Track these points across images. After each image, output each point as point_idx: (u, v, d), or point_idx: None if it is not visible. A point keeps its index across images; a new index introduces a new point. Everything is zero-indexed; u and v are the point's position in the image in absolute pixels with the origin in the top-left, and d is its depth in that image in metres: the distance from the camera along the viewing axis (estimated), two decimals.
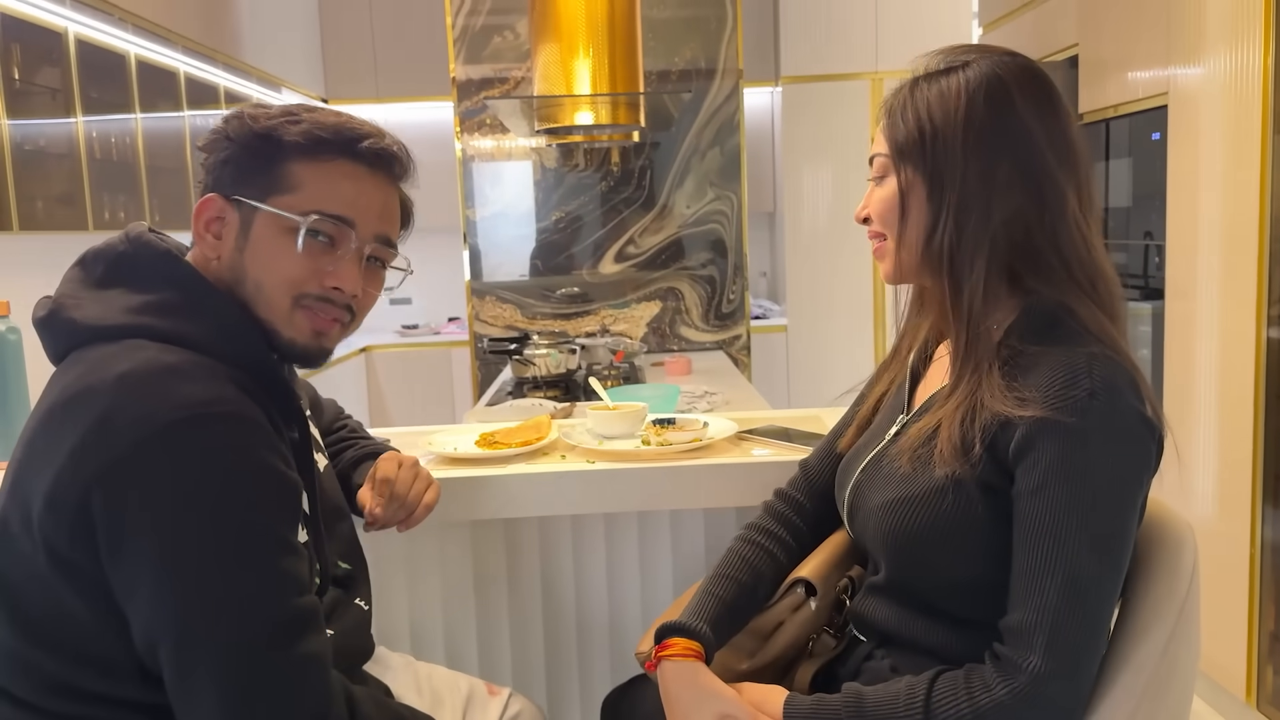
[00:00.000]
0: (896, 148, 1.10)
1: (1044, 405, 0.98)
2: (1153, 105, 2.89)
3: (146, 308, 1.00)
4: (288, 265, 1.04)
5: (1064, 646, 0.95)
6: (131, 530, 0.89)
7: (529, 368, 3.12)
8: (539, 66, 3.04)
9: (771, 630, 1.18)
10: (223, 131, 1.06)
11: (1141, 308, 3.04)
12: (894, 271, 1.14)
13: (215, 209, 1.05)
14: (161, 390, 0.92)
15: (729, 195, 3.95)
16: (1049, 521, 0.97)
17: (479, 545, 1.67)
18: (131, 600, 0.91)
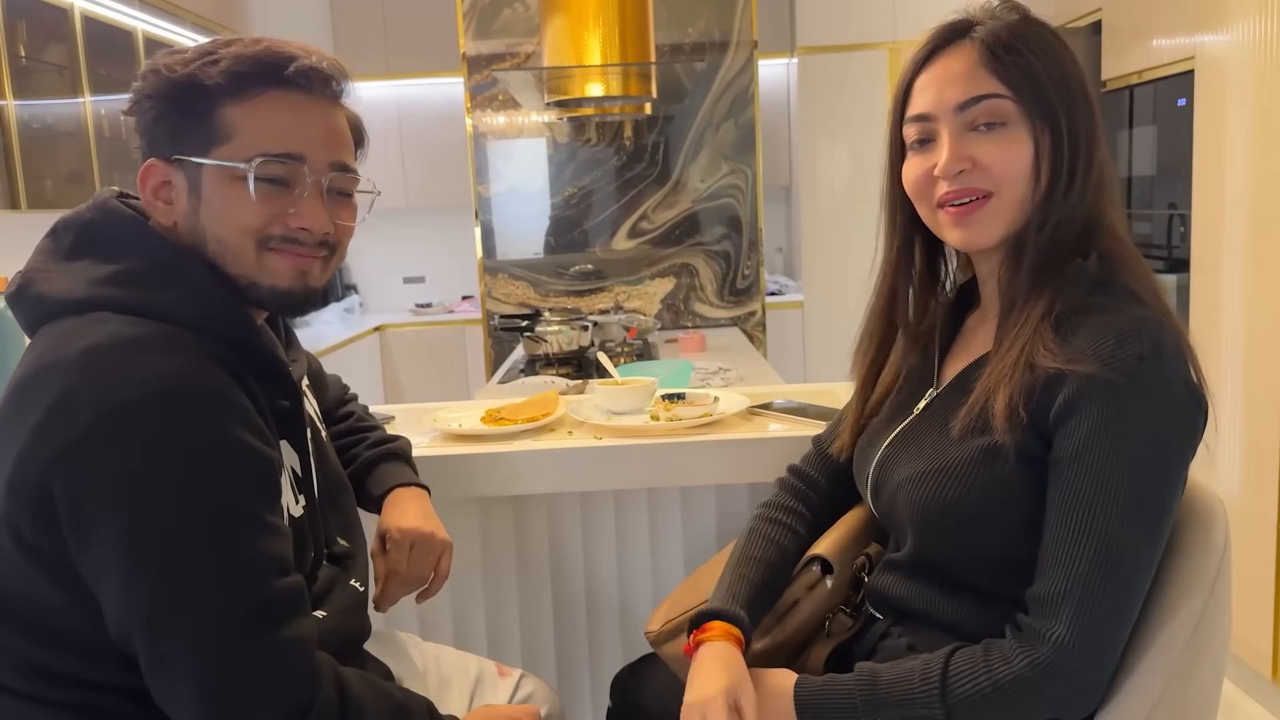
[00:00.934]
0: (1028, 88, 1.00)
1: (1092, 363, 0.93)
2: (1178, 71, 2.81)
3: (113, 278, 0.95)
4: (245, 214, 0.98)
5: (1092, 618, 0.91)
6: (94, 514, 0.85)
7: (541, 345, 3.09)
8: (548, 38, 2.99)
9: (787, 609, 1.15)
10: (142, 91, 0.99)
11: (1165, 280, 2.97)
12: (996, 235, 1.04)
13: (159, 174, 0.99)
14: (122, 366, 0.87)
15: (744, 169, 3.89)
16: (1086, 488, 0.92)
17: (487, 523, 1.64)
18: (101, 586, 0.88)
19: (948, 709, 0.94)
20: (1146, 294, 0.99)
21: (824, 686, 1.01)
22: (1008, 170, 1.02)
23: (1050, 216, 1.02)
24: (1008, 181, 1.02)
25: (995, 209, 1.03)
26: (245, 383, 0.95)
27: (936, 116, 1.04)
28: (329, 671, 0.95)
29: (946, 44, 1.06)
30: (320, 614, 1.05)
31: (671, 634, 1.23)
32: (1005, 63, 1.01)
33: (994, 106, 1.02)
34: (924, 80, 1.06)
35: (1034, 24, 1.05)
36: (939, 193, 1.05)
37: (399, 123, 5.30)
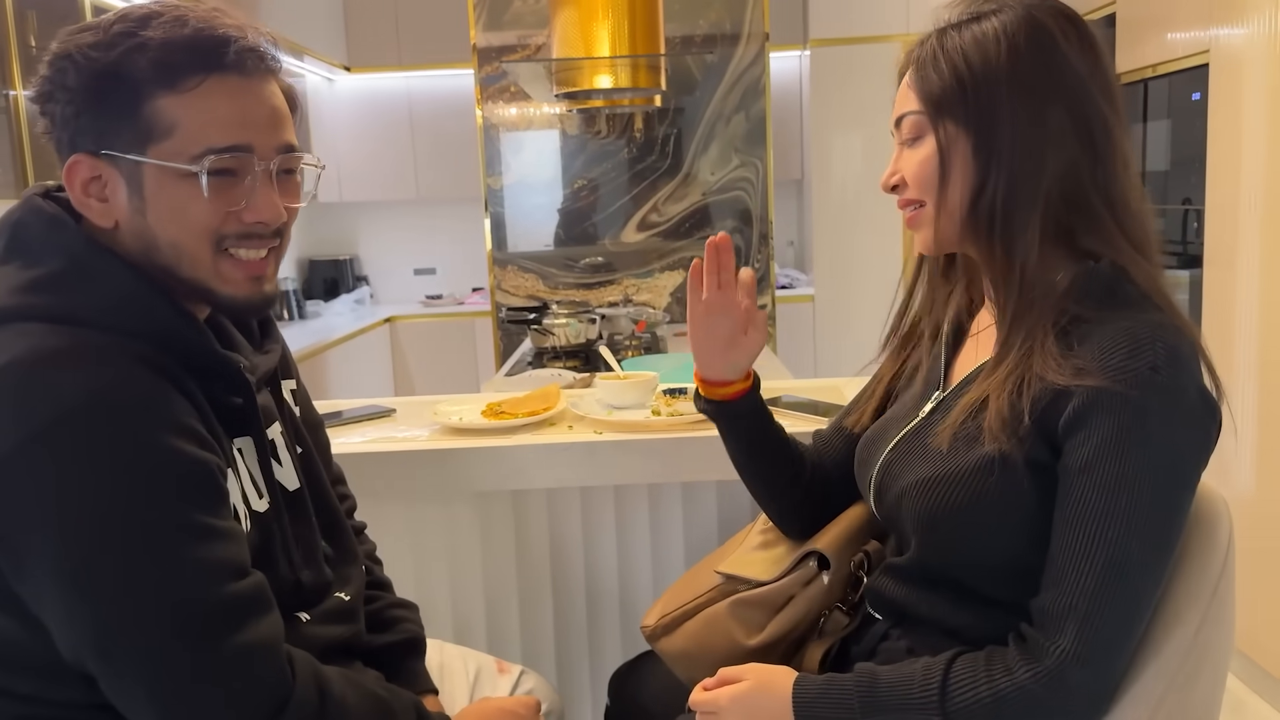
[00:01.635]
0: (932, 101, 1.01)
1: (1102, 375, 0.91)
2: (1193, 65, 2.78)
3: (34, 284, 0.90)
4: (200, 215, 0.92)
5: (1098, 633, 0.90)
6: (27, 540, 0.83)
7: (548, 338, 3.08)
8: (557, 30, 2.97)
9: (781, 604, 1.13)
10: (58, 81, 0.89)
11: (1179, 275, 2.94)
12: (934, 241, 1.05)
13: (86, 169, 0.91)
14: (42, 384, 0.83)
15: (754, 162, 3.87)
16: (1096, 501, 0.90)
17: (487, 518, 1.63)
18: (44, 610, 0.85)
19: (945, 715, 0.93)
20: (1158, 296, 0.97)
21: (823, 687, 1.00)
22: (919, 179, 1.04)
23: (977, 216, 1.00)
24: (925, 188, 1.04)
25: (926, 215, 1.05)
26: (183, 383, 0.91)
27: (892, 132, 1.09)
28: (306, 670, 0.93)
29: (907, 65, 1.07)
30: (304, 616, 1.04)
31: (667, 629, 1.22)
32: (919, 78, 1.03)
33: (910, 123, 1.04)
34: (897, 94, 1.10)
35: (981, 19, 1.01)
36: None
37: (410, 114, 5.29)
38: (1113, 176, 1.00)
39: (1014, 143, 0.98)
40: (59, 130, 0.92)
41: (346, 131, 5.29)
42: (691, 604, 1.20)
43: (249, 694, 0.87)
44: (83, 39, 0.90)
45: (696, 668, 1.20)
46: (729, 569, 1.20)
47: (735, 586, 1.18)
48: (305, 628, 1.03)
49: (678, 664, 1.23)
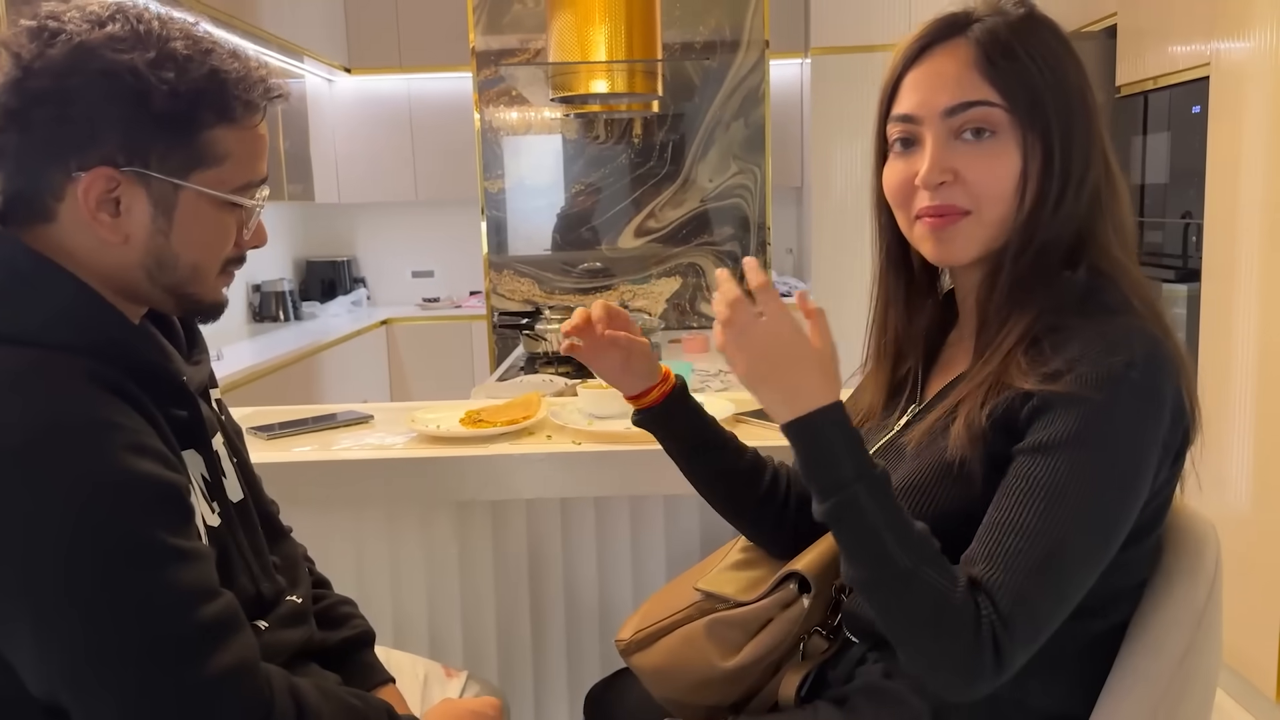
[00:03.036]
0: (1023, 100, 0.92)
1: (1074, 379, 0.87)
2: (1193, 77, 2.75)
3: None
4: (226, 240, 0.94)
5: (1028, 615, 0.84)
6: None
7: (540, 343, 3.05)
8: (554, 33, 2.96)
9: (760, 626, 1.10)
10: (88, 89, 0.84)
11: (1177, 289, 2.91)
12: (969, 254, 0.97)
13: (106, 184, 0.87)
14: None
15: (753, 169, 3.85)
16: (1048, 483, 0.86)
17: (464, 528, 1.60)
18: (13, 647, 0.82)
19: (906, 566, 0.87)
20: (1141, 305, 0.94)
21: (851, 433, 0.91)
22: (991, 187, 0.95)
23: (1034, 238, 0.95)
24: (989, 200, 0.95)
25: (970, 228, 0.97)
26: (133, 398, 0.87)
27: (922, 119, 0.97)
28: (281, 685, 0.91)
29: (941, 39, 0.97)
30: (263, 624, 1.02)
31: (641, 644, 1.19)
32: (1000, 67, 0.93)
33: (984, 114, 0.94)
34: (913, 77, 0.98)
35: (1038, 23, 0.97)
36: (918, 204, 0.98)
37: (410, 116, 5.27)
38: (1118, 189, 0.98)
39: (1080, 163, 0.95)
40: (61, 134, 0.86)
41: (345, 133, 5.27)
42: (668, 620, 1.17)
43: (240, 711, 0.84)
44: (139, 56, 0.85)
45: (671, 686, 1.17)
46: (708, 586, 1.16)
47: (714, 605, 1.15)
48: (265, 635, 1.01)
49: (651, 681, 1.20)
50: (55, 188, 0.88)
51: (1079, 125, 0.95)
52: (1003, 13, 0.97)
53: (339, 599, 1.24)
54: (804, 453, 0.91)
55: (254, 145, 0.93)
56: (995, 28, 0.95)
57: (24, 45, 0.85)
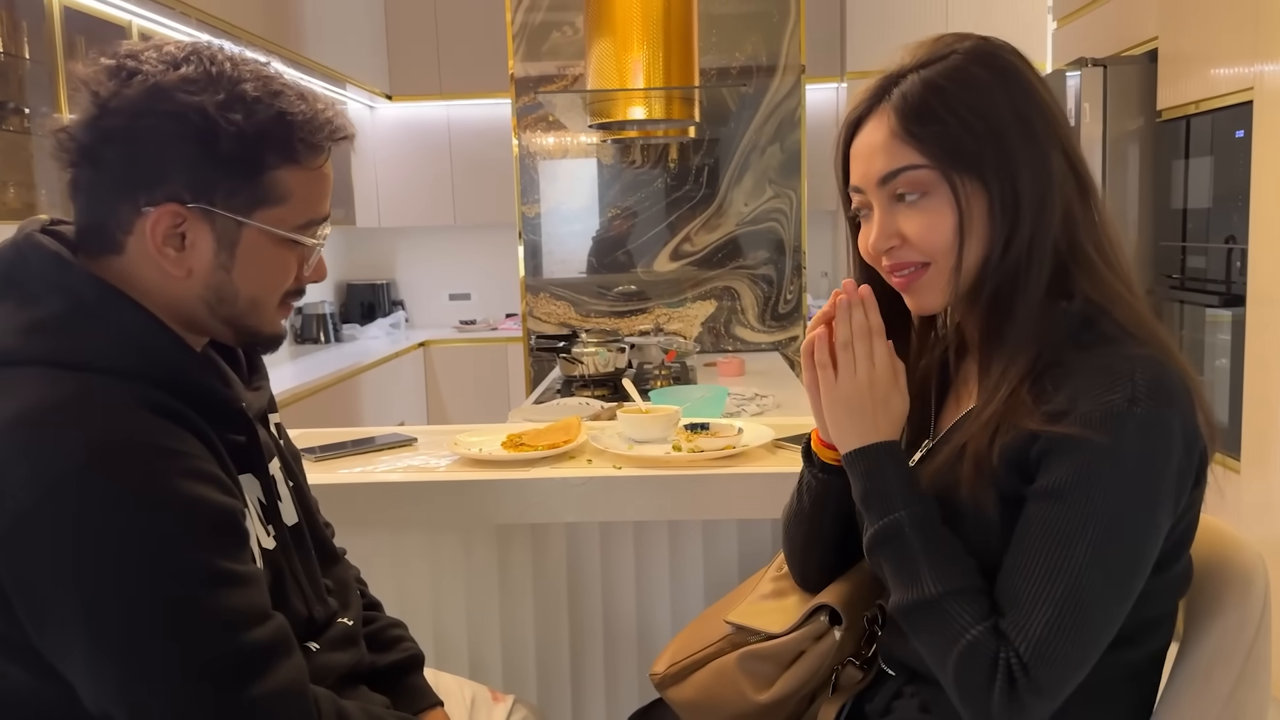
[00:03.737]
0: (945, 154, 0.94)
1: (1078, 418, 0.88)
2: (1237, 102, 2.73)
3: (36, 325, 0.88)
4: (286, 276, 0.97)
5: (1051, 663, 0.85)
6: (46, 597, 0.81)
7: (576, 366, 3.07)
8: (593, 61, 2.99)
9: (792, 659, 1.10)
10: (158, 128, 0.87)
11: (1221, 315, 2.88)
12: (940, 302, 1.00)
13: (173, 219, 0.90)
14: (55, 437, 0.82)
15: (788, 193, 3.86)
16: (1060, 527, 0.87)
17: (505, 551, 1.62)
18: (67, 665, 0.84)
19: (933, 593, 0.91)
20: (1141, 331, 0.93)
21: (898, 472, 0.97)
22: (933, 243, 0.97)
23: (997, 274, 0.96)
24: (937, 252, 0.97)
25: (933, 278, 0.99)
26: (192, 424, 0.89)
27: (865, 189, 1.00)
28: (329, 708, 0.92)
29: (870, 110, 0.99)
30: (314, 646, 1.03)
31: (675, 678, 1.19)
32: (915, 132, 0.95)
33: (912, 178, 0.96)
34: (855, 149, 1.01)
35: (964, 63, 0.96)
36: (883, 265, 1.01)
37: (449, 141, 5.35)
38: (1092, 203, 0.99)
39: (1032, 194, 0.95)
40: (131, 171, 0.89)
41: (386, 158, 5.35)
42: (701, 654, 1.18)
43: None
44: (209, 98, 0.88)
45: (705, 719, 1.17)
46: (738, 619, 1.17)
47: (745, 638, 1.15)
48: (315, 657, 1.02)
49: (687, 714, 1.20)
50: (124, 222, 0.91)
51: (1020, 154, 0.94)
52: (927, 63, 0.97)
53: (390, 622, 1.25)
54: (861, 480, 0.99)
55: (318, 185, 0.95)
56: (909, 91, 0.96)
57: (102, 84, 0.88)
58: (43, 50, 2.76)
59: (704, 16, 3.72)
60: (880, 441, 0.98)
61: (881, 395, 0.99)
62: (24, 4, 2.70)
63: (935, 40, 1.00)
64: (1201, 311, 3.00)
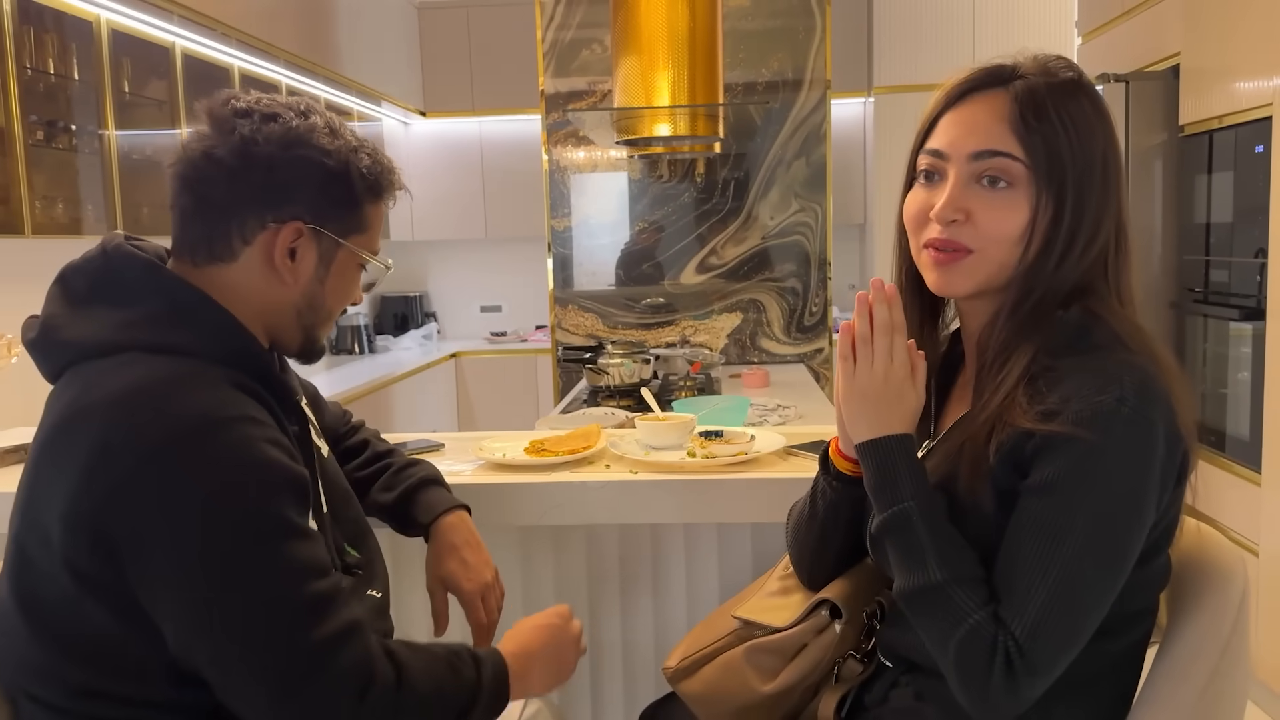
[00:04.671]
0: (1043, 160, 0.99)
1: (1069, 418, 0.93)
2: (1258, 117, 2.75)
3: (133, 323, 1.02)
4: (353, 294, 1.16)
5: (1043, 647, 0.91)
6: (150, 545, 0.93)
7: (602, 376, 3.14)
8: (619, 79, 3.06)
9: (795, 651, 1.16)
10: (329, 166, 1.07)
11: (1242, 328, 2.89)
12: (965, 290, 1.05)
13: (293, 235, 1.07)
14: (156, 405, 0.95)
15: (814, 207, 3.91)
16: (1053, 519, 0.92)
17: (527, 552, 1.68)
18: (159, 611, 0.95)
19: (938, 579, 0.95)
20: (1132, 339, 0.98)
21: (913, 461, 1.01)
22: (997, 233, 1.01)
23: (1033, 290, 1.02)
24: (993, 242, 1.01)
25: (973, 266, 1.03)
26: (268, 405, 1.04)
27: (949, 157, 1.03)
28: (377, 647, 1.02)
29: (982, 87, 1.03)
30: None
31: (686, 672, 1.25)
32: (1030, 125, 0.99)
33: (1004, 165, 1.00)
34: (950, 117, 1.05)
35: (1080, 90, 1.02)
36: (928, 233, 1.05)
37: (481, 156, 5.45)
38: (1126, 255, 1.04)
39: (1094, 222, 1.01)
40: (268, 193, 1.05)
41: (420, 173, 5.46)
42: (710, 648, 1.23)
43: (346, 673, 0.96)
44: (333, 143, 1.08)
45: (716, 711, 1.23)
46: (746, 614, 1.22)
47: (752, 632, 1.21)
48: None
49: (697, 706, 1.26)
50: (247, 233, 1.07)
51: (1094, 193, 1.01)
52: (1048, 74, 1.03)
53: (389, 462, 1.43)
54: (873, 469, 1.03)
55: (381, 219, 1.16)
56: (1035, 87, 1.01)
57: (241, 121, 1.05)
58: (90, 71, 2.88)
59: (732, 32, 3.79)
60: (894, 434, 1.02)
61: (896, 390, 1.02)
62: (73, 26, 2.82)
63: (1053, 57, 1.06)
64: (1225, 325, 3.02)
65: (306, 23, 4.14)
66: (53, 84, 2.77)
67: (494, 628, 1.35)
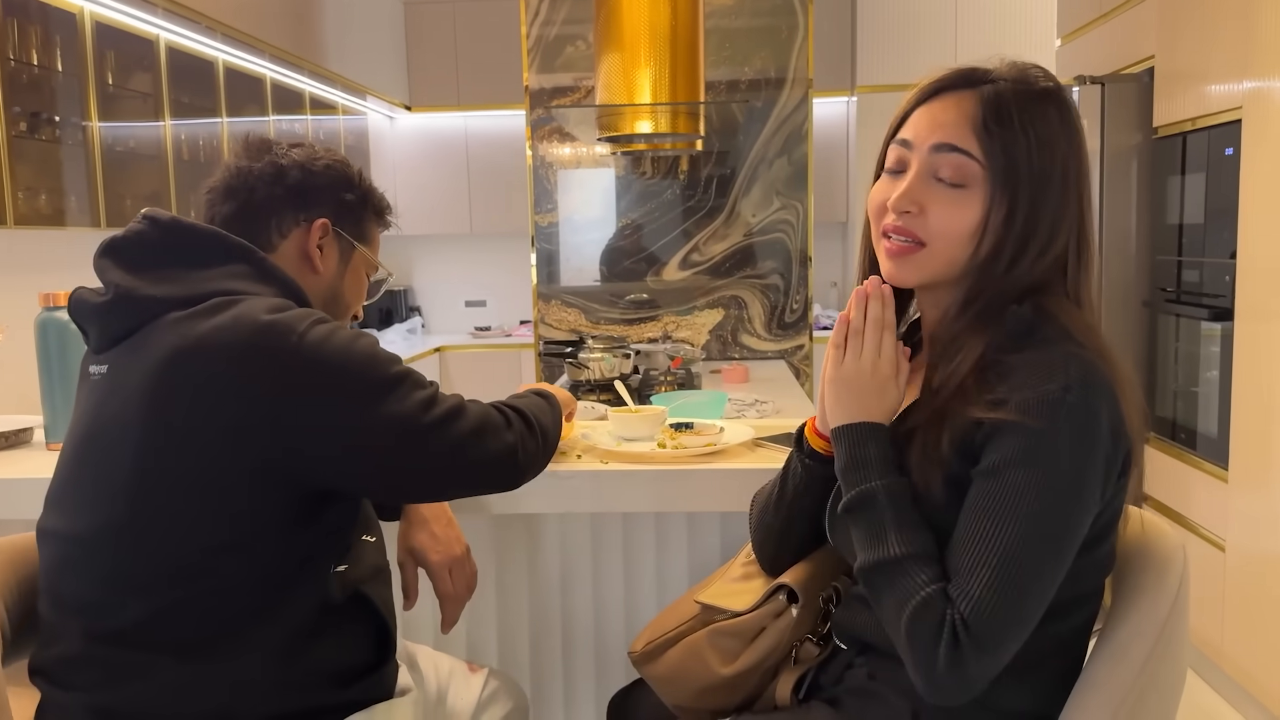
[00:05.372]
0: (999, 164, 1.03)
1: (1016, 405, 0.97)
2: (1228, 119, 2.80)
3: (218, 278, 1.16)
4: (361, 297, 1.38)
5: (988, 624, 0.93)
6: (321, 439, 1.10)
7: (583, 371, 3.17)
8: (601, 76, 3.09)
9: (754, 634, 1.19)
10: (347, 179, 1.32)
11: (1213, 328, 2.94)
12: (913, 281, 1.09)
13: (323, 230, 1.29)
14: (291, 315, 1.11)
15: (795, 204, 3.94)
16: (998, 501, 0.96)
17: (501, 542, 1.71)
18: (338, 473, 1.12)
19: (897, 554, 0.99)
20: (1082, 335, 1.02)
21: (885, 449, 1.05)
22: (947, 228, 1.05)
23: (986, 287, 1.05)
24: (943, 238, 1.05)
25: (922, 259, 1.07)
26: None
27: (914, 147, 1.07)
28: (494, 413, 1.26)
29: (954, 87, 1.07)
30: (341, 568, 1.18)
31: (650, 655, 1.28)
32: (990, 130, 1.03)
33: (961, 163, 1.04)
34: (920, 112, 1.09)
35: (1048, 99, 1.05)
36: (885, 221, 1.09)
37: (467, 151, 5.47)
38: (1086, 265, 1.07)
39: (1049, 229, 1.04)
40: (303, 197, 1.28)
41: (405, 167, 5.48)
42: (674, 632, 1.27)
43: (496, 435, 1.22)
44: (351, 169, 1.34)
45: (679, 693, 1.27)
46: (708, 599, 1.26)
47: (713, 616, 1.25)
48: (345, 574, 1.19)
49: (662, 689, 1.29)
50: (284, 227, 1.28)
51: (1051, 200, 1.04)
52: (1022, 81, 1.07)
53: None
54: (845, 451, 1.07)
55: (379, 243, 1.39)
56: (1003, 93, 1.05)
57: (285, 153, 1.30)
58: (74, 63, 2.90)
59: (715, 30, 3.82)
60: (869, 421, 1.06)
61: (880, 383, 1.07)
62: (56, 18, 2.83)
63: (1029, 65, 1.09)
64: (1196, 325, 3.06)
65: (292, 16, 4.16)
66: (36, 76, 2.79)
67: (461, 602, 1.39)
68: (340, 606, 1.16)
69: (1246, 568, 2.68)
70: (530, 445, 1.27)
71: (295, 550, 1.12)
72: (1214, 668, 2.82)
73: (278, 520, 1.10)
